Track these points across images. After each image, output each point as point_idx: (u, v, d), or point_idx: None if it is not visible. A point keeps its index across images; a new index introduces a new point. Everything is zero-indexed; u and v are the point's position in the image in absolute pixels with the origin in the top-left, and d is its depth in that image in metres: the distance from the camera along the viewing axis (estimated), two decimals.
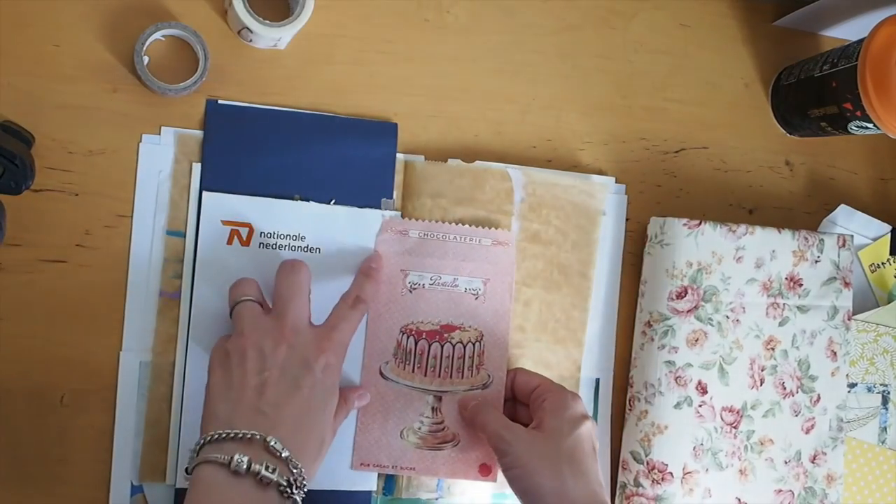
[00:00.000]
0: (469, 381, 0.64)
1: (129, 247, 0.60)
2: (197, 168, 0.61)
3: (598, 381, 0.70)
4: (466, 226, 0.64)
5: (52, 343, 0.58)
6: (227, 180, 0.61)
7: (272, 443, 0.50)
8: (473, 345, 0.64)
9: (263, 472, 0.49)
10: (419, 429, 0.63)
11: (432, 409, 0.63)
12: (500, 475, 0.60)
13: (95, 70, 0.60)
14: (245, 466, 0.48)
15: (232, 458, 0.49)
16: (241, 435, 0.50)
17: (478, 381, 0.64)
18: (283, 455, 0.50)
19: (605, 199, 0.69)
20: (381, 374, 0.63)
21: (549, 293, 0.67)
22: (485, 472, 0.64)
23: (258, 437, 0.50)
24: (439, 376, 0.63)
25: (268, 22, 0.59)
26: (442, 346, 0.63)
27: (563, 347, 0.68)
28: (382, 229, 0.62)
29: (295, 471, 0.50)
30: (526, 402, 0.63)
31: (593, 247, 0.69)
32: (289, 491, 0.50)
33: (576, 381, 0.69)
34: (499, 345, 0.64)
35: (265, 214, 0.61)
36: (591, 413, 0.68)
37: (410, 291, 0.63)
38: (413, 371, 0.63)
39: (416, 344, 0.63)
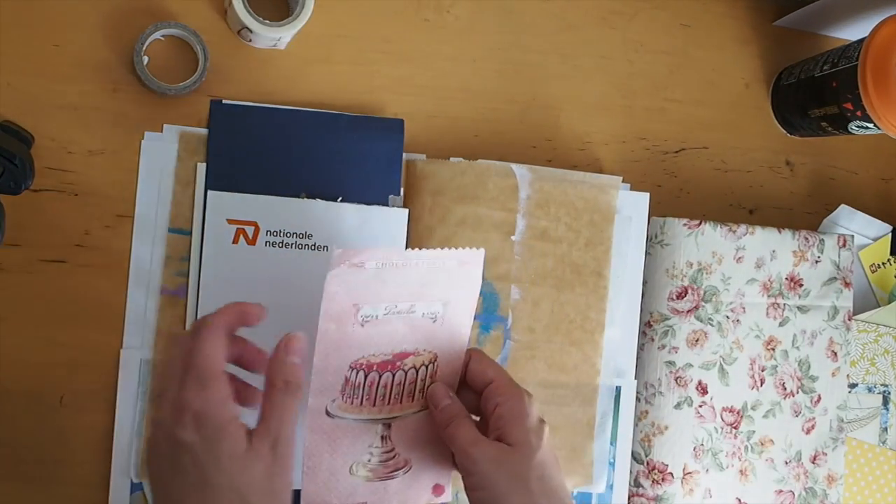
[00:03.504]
0: (420, 402, 0.59)
1: (129, 247, 0.60)
2: (202, 167, 0.61)
3: (618, 388, 0.68)
4: (431, 249, 0.57)
5: (52, 343, 0.58)
6: (232, 179, 0.61)
7: None
8: (427, 367, 0.58)
9: None
10: (368, 461, 0.58)
11: (381, 437, 0.58)
12: (451, 489, 0.57)
13: (95, 70, 0.60)
14: None
15: None
16: None
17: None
18: None
19: (618, 195, 0.68)
20: (328, 413, 0.57)
21: (562, 292, 0.67)
22: (438, 491, 0.60)
23: None
24: (388, 403, 0.58)
25: (268, 22, 0.59)
26: (393, 375, 0.57)
27: (579, 349, 0.67)
28: (335, 262, 0.53)
29: None
30: (476, 390, 0.58)
31: (608, 244, 0.68)
32: None
33: (594, 388, 0.67)
34: (452, 364, 0.59)
35: (271, 213, 0.61)
36: (611, 422, 0.68)
37: (362, 325, 0.56)
38: (361, 404, 0.57)
39: (365, 377, 0.57)
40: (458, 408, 0.57)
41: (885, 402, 0.75)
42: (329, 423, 0.57)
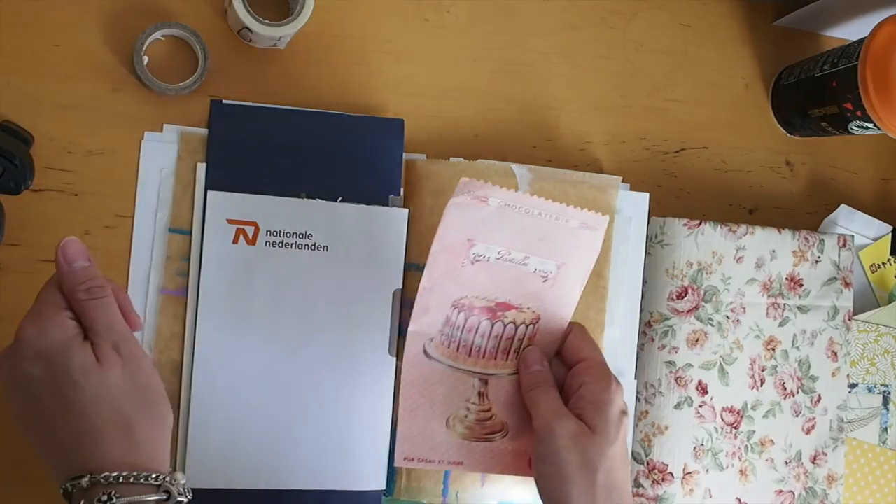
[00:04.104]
0: (515, 363, 0.58)
1: (128, 247, 0.60)
2: (202, 167, 0.61)
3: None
4: (556, 203, 0.56)
5: None
6: (232, 179, 0.61)
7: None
8: (526, 326, 0.57)
9: None
10: (466, 416, 0.57)
11: (479, 394, 0.57)
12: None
13: (95, 70, 0.60)
14: None
15: None
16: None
17: None
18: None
19: (617, 195, 0.68)
20: (425, 352, 0.57)
21: None
22: None
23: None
24: (484, 357, 0.57)
25: (268, 22, 0.59)
26: (492, 325, 0.57)
27: None
28: (459, 191, 0.53)
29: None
30: (568, 365, 0.58)
31: (608, 244, 0.68)
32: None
33: None
34: (552, 332, 0.58)
35: (271, 213, 0.61)
36: None
37: (472, 263, 0.55)
38: (458, 350, 0.57)
39: (465, 320, 0.56)
40: (547, 375, 0.57)
41: (885, 402, 0.75)
42: (426, 364, 0.56)
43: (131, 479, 0.43)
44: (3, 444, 0.58)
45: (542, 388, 0.56)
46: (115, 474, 0.43)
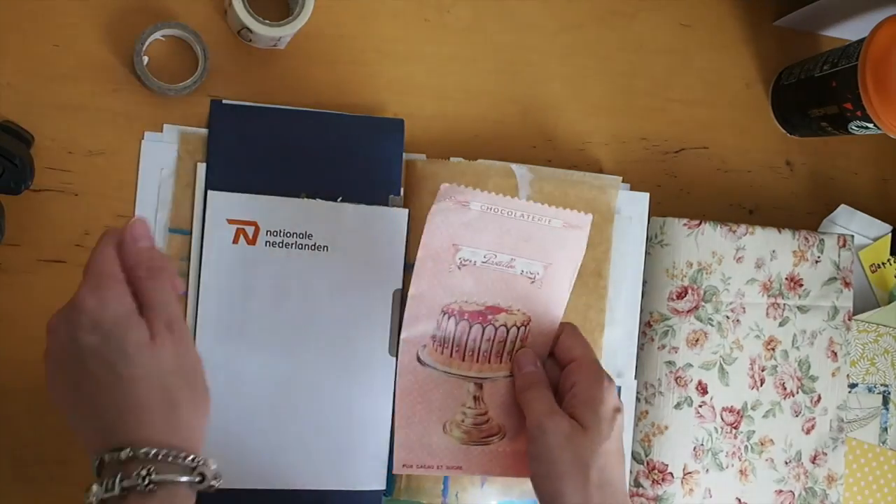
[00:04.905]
0: (509, 366, 0.59)
1: None
2: (202, 167, 0.61)
3: (618, 388, 0.68)
4: (538, 204, 0.57)
5: None
6: (232, 179, 0.61)
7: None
8: (518, 328, 0.58)
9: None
10: (462, 421, 0.58)
11: (474, 398, 0.58)
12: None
13: (95, 70, 0.60)
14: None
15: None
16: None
17: None
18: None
19: (617, 195, 0.68)
20: (419, 359, 0.58)
21: None
22: None
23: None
24: (478, 361, 0.58)
25: (268, 22, 0.59)
26: (483, 329, 0.57)
27: None
28: (441, 196, 0.54)
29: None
30: (561, 364, 0.59)
31: (608, 244, 0.68)
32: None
33: None
34: (544, 333, 0.59)
35: (271, 213, 0.61)
36: None
37: (459, 268, 0.56)
38: (451, 356, 0.58)
39: (456, 325, 0.57)
40: (541, 376, 0.58)
41: (885, 402, 0.75)
42: (421, 372, 0.57)
43: (169, 458, 0.43)
44: (3, 445, 0.58)
45: (535, 389, 0.57)
46: (154, 451, 0.43)
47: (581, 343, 0.59)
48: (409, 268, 0.64)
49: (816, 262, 0.71)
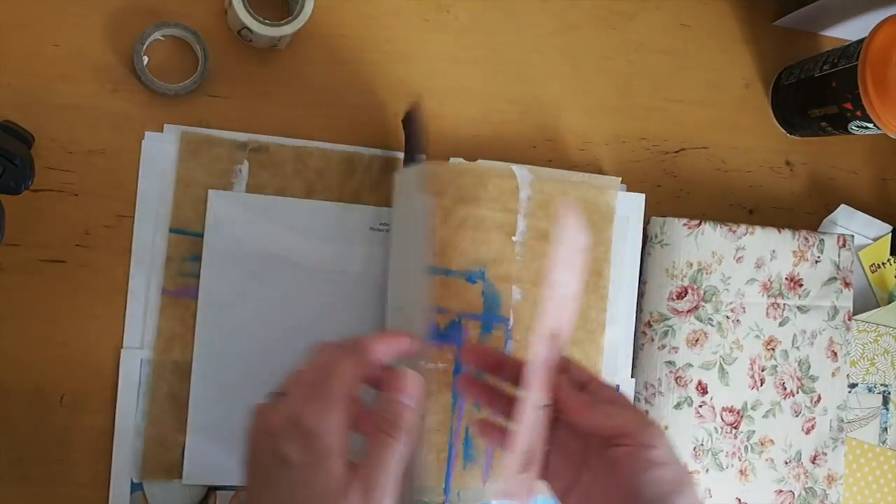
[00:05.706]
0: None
1: (128, 247, 0.60)
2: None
3: (617, 387, 0.68)
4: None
5: (52, 343, 0.58)
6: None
7: None
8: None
9: None
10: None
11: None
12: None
13: (95, 70, 0.60)
14: None
15: None
16: None
17: None
18: None
19: (617, 195, 0.69)
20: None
21: None
22: None
23: None
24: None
25: (268, 22, 0.59)
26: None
27: (581, 349, 0.67)
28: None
29: None
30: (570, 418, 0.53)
31: (607, 245, 0.68)
32: None
33: None
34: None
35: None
36: None
37: None
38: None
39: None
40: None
41: (885, 402, 0.75)
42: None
43: None
44: (3, 445, 0.58)
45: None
46: None
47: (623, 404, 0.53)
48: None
49: (816, 262, 0.71)
